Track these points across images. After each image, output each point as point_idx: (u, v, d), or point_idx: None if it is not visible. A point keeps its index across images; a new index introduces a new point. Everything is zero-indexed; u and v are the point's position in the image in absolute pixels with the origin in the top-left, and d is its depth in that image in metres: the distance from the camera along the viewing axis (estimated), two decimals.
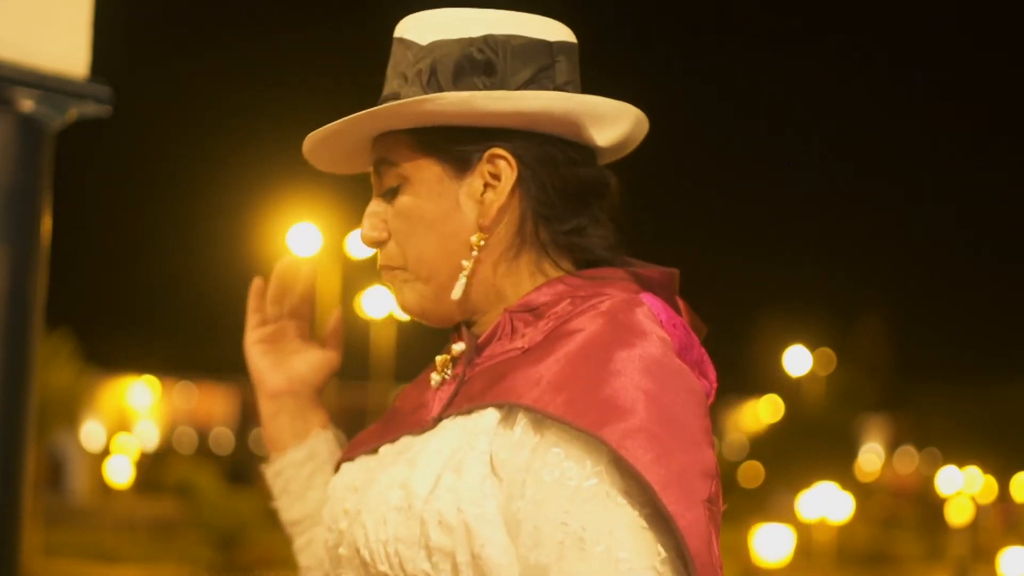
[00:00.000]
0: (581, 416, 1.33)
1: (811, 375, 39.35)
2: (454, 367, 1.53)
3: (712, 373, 1.54)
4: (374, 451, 1.58)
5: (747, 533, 23.86)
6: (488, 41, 1.49)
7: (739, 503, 30.29)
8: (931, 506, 39.26)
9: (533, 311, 1.49)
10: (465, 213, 1.50)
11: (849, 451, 37.08)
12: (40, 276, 2.49)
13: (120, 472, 31.37)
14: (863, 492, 37.01)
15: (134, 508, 30.64)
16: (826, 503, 29.07)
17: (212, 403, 54.06)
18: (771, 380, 41.08)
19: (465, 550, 1.36)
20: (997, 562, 24.71)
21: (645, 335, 1.41)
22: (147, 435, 43.77)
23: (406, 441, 1.52)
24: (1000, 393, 35.01)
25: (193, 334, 56.68)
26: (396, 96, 1.51)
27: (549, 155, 1.51)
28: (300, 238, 21.35)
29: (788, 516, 29.14)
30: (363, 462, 1.58)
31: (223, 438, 52.32)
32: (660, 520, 1.32)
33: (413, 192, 1.51)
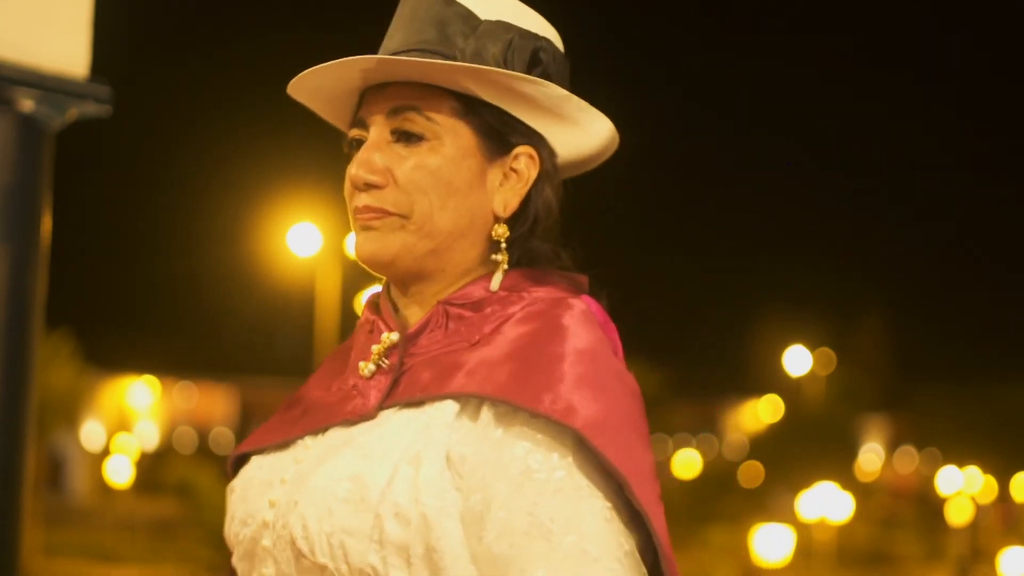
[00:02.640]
0: (550, 408, 1.34)
1: (811, 375, 39.33)
2: (388, 356, 1.51)
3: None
4: (286, 444, 1.55)
5: (747, 533, 23.86)
6: (549, 46, 1.54)
7: (739, 503, 30.24)
8: (931, 506, 39.25)
9: (471, 305, 1.50)
10: (487, 193, 1.52)
11: (849, 451, 37.06)
12: (40, 276, 2.49)
13: (120, 472, 31.34)
14: (863, 492, 36.97)
15: (134, 508, 30.63)
16: (826, 503, 29.04)
17: (212, 403, 54.02)
18: (771, 380, 41.10)
19: (420, 543, 1.35)
20: (997, 562, 24.71)
21: (592, 333, 1.45)
22: (147, 435, 43.74)
23: (341, 432, 1.49)
24: (1000, 393, 34.99)
25: (193, 334, 56.71)
26: (428, 46, 1.49)
27: (555, 167, 1.57)
28: (300, 238, 21.34)
29: (788, 516, 29.11)
30: (283, 455, 1.54)
31: (223, 438, 52.29)
32: (624, 513, 1.36)
33: (442, 153, 1.49)
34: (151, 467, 37.44)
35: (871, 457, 47.88)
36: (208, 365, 50.83)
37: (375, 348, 1.52)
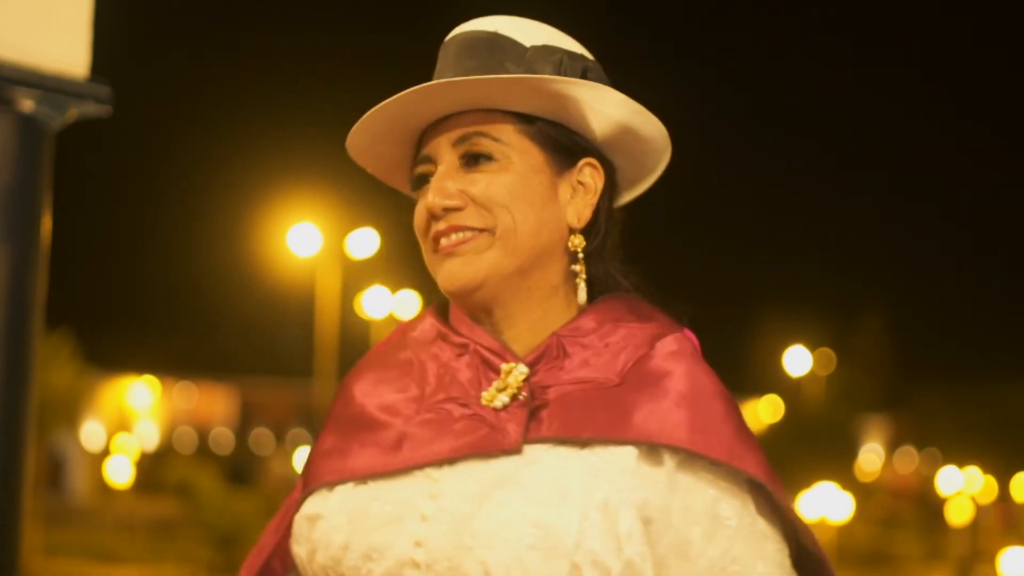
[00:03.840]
0: (728, 456, 1.42)
1: (811, 375, 39.32)
2: (523, 389, 1.49)
3: None
4: (397, 474, 1.49)
5: None
6: (595, 67, 1.58)
7: None
8: (931, 506, 39.28)
9: (585, 337, 1.52)
10: (561, 206, 1.54)
11: (849, 451, 37.05)
12: (40, 276, 2.49)
13: (120, 472, 31.34)
14: (863, 492, 36.98)
15: (134, 508, 30.64)
16: (826, 503, 29.07)
17: (212, 403, 54.03)
18: (771, 380, 41.08)
19: None
20: (997, 562, 24.72)
21: (713, 372, 1.52)
22: (147, 435, 43.74)
23: (482, 466, 1.45)
24: (1000, 393, 34.99)
25: (193, 334, 56.74)
26: (480, 74, 1.51)
27: (614, 180, 1.61)
28: (300, 238, 21.35)
29: None
30: (401, 486, 1.48)
31: (223, 438, 52.30)
32: (791, 556, 1.48)
33: (513, 170, 1.51)
34: (151, 467, 37.49)
35: (871, 457, 47.89)
36: (208, 365, 50.87)
37: (510, 380, 1.49)
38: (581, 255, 1.54)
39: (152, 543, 25.99)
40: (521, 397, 1.48)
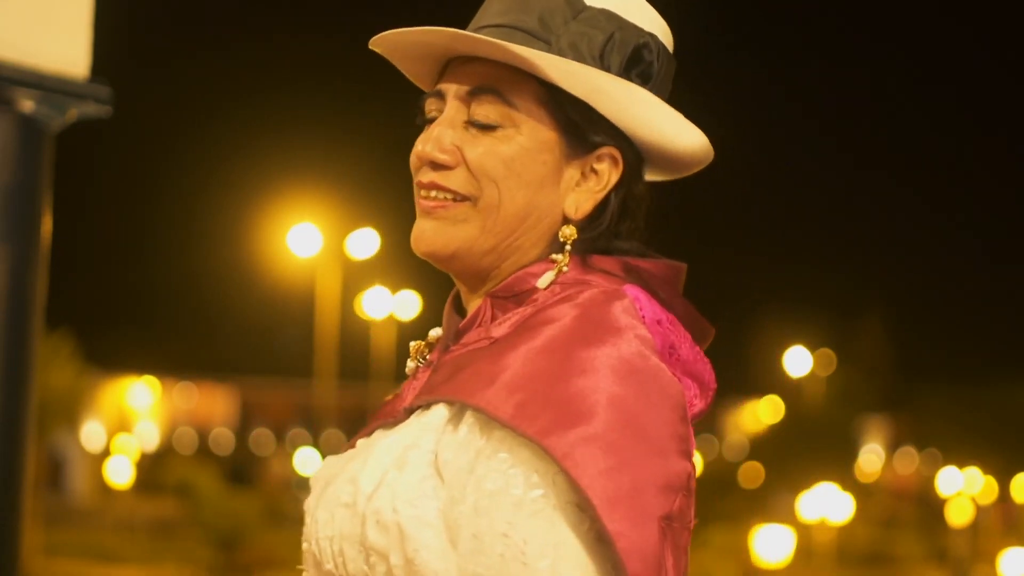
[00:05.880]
0: (529, 422, 1.25)
1: (811, 376, 39.35)
2: (430, 353, 1.46)
3: (709, 375, 1.45)
4: (353, 445, 1.49)
5: (747, 534, 23.86)
6: (655, 43, 1.44)
7: (739, 504, 30.26)
8: (931, 507, 39.24)
9: (514, 297, 1.42)
10: (560, 192, 1.42)
11: (849, 452, 37.05)
12: (40, 276, 2.49)
13: (120, 472, 31.35)
14: (863, 493, 36.99)
15: (134, 508, 30.64)
16: (826, 504, 29.05)
17: (212, 403, 54.04)
18: (771, 380, 41.10)
19: (399, 553, 1.29)
20: (997, 563, 24.71)
21: (619, 332, 1.32)
22: (147, 435, 43.74)
23: (377, 434, 1.43)
24: (1000, 394, 34.97)
25: (193, 334, 56.73)
26: (523, 25, 1.41)
27: (638, 170, 1.47)
28: (300, 238, 21.36)
29: (788, 517, 29.12)
30: (342, 456, 1.48)
31: (223, 438, 52.30)
32: (592, 532, 1.26)
33: (517, 142, 1.40)
34: (151, 467, 37.48)
35: (871, 458, 47.87)
36: (208, 365, 50.88)
37: (412, 345, 1.47)
38: (568, 247, 1.41)
39: (152, 543, 25.97)
40: (422, 362, 1.46)
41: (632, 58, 1.42)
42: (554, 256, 1.42)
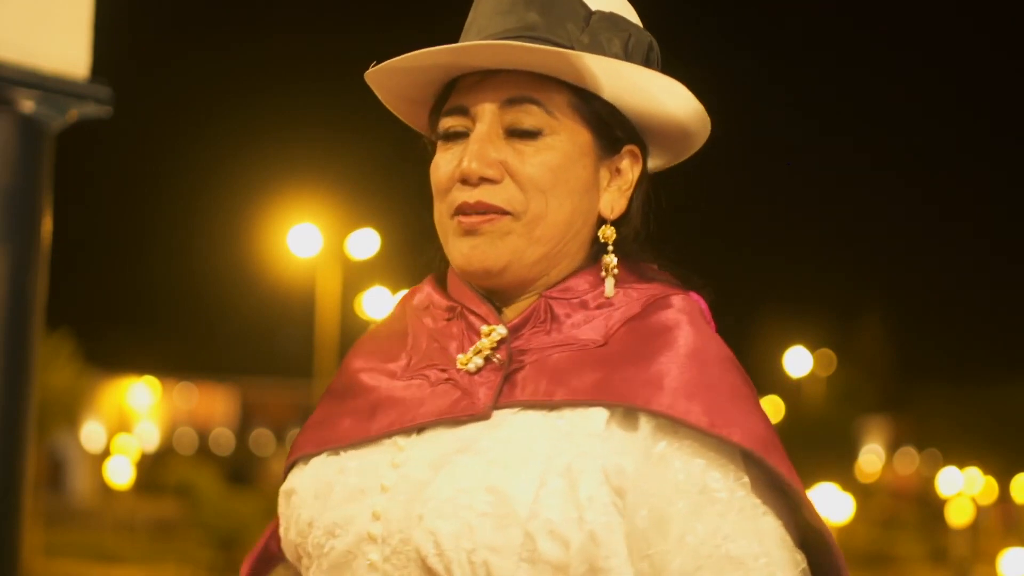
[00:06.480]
0: (723, 427, 1.29)
1: (812, 376, 39.34)
2: (498, 351, 1.39)
3: None
4: (367, 443, 1.42)
5: None
6: (655, 44, 1.47)
7: None
8: (931, 507, 39.22)
9: (579, 302, 1.41)
10: (599, 194, 1.44)
11: (849, 452, 37.09)
12: (40, 276, 2.49)
13: (120, 473, 31.34)
14: (863, 493, 36.99)
15: (134, 508, 30.63)
16: (827, 504, 29.05)
17: (212, 403, 54.02)
18: (771, 380, 41.06)
19: (583, 563, 1.27)
20: (997, 563, 24.70)
21: (717, 336, 1.40)
22: (147, 435, 43.72)
23: (447, 433, 1.36)
24: (1000, 394, 35.00)
25: (193, 334, 56.76)
26: (536, 32, 1.39)
27: (646, 166, 1.51)
28: (300, 238, 21.34)
29: None
30: (369, 456, 1.40)
31: (223, 438, 52.29)
32: (791, 528, 1.34)
33: (561, 150, 1.40)
34: (151, 468, 37.47)
35: (871, 458, 47.88)
36: (208, 365, 50.88)
37: (484, 342, 1.39)
38: (611, 247, 1.42)
39: (152, 543, 25.98)
40: (495, 360, 1.38)
41: (647, 59, 1.45)
42: (605, 259, 1.43)
